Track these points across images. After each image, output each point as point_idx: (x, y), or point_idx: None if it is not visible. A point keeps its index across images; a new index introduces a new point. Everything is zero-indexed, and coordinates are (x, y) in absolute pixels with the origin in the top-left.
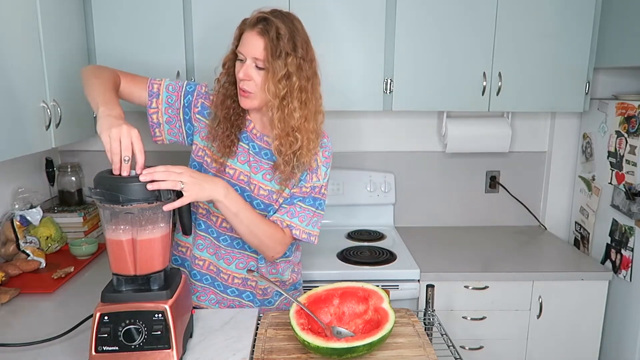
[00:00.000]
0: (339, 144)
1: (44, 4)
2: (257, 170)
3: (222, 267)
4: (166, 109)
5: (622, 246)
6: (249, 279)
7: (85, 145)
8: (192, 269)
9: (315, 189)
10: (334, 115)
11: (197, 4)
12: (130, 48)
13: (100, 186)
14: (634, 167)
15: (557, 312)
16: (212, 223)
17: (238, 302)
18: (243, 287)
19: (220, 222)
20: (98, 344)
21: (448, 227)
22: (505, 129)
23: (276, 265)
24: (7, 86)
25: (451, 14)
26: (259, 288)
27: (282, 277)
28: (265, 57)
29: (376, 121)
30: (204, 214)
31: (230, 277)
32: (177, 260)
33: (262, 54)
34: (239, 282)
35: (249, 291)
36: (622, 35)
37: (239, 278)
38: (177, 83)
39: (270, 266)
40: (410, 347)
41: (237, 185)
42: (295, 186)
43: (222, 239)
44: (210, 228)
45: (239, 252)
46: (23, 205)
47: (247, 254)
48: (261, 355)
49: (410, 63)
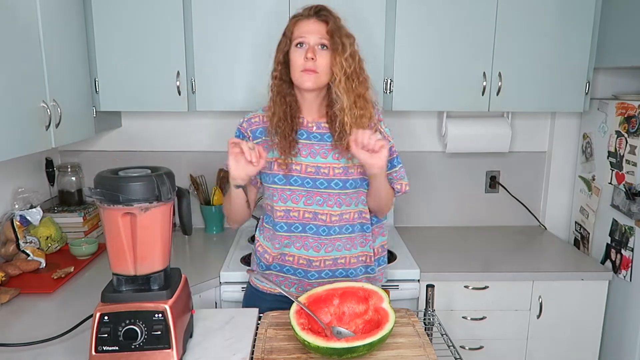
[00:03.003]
0: None
1: (44, 4)
2: (326, 154)
3: (312, 257)
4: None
5: (622, 246)
6: (338, 258)
7: (85, 145)
8: (284, 265)
9: (391, 149)
10: None
11: (197, 3)
12: (130, 48)
13: (100, 186)
14: (634, 167)
15: (557, 312)
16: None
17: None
18: (335, 266)
19: (302, 214)
20: (98, 344)
21: (448, 227)
22: (505, 129)
23: (378, 231)
24: (7, 86)
25: (451, 14)
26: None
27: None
28: (330, 37)
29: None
30: (282, 215)
31: (322, 262)
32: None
33: (325, 35)
34: (330, 263)
35: (341, 269)
36: (622, 35)
37: (330, 260)
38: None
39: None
40: (410, 347)
41: (307, 178)
42: None
43: (308, 228)
44: (294, 224)
45: (325, 238)
46: (23, 205)
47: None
48: (261, 355)
49: (410, 63)
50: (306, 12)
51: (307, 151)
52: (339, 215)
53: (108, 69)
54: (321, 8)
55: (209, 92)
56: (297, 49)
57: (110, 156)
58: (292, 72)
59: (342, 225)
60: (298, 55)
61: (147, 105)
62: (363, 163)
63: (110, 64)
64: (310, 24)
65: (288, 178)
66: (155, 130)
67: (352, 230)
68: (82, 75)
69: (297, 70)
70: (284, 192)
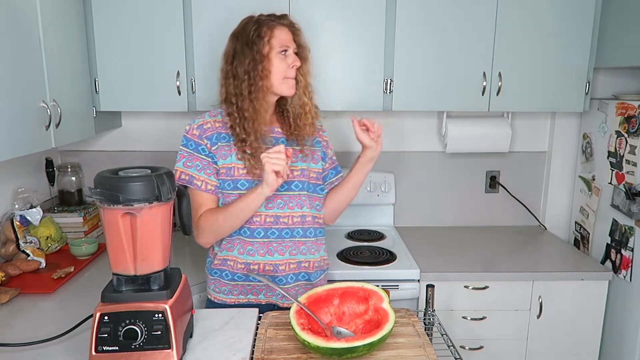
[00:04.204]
0: (339, 144)
1: (44, 4)
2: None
3: (277, 261)
4: (209, 174)
5: (622, 246)
6: (302, 261)
7: (85, 145)
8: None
9: (332, 158)
10: (334, 115)
11: (197, 3)
12: (130, 47)
13: (100, 186)
14: (634, 167)
15: (557, 312)
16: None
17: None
18: (298, 270)
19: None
20: (98, 344)
21: (448, 227)
22: (505, 129)
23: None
24: (7, 86)
25: (451, 14)
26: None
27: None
28: (299, 47)
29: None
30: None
31: (287, 265)
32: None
33: (294, 45)
34: (294, 267)
35: (303, 272)
36: (622, 35)
37: (294, 263)
38: (182, 155)
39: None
40: (410, 347)
41: None
42: (328, 160)
43: (271, 233)
44: (257, 230)
45: (289, 241)
46: (23, 205)
47: (297, 240)
48: (261, 355)
49: (410, 63)
50: (279, 20)
51: None
52: (300, 217)
53: (108, 69)
54: (289, 18)
55: (209, 92)
56: (280, 55)
57: (110, 156)
58: (270, 77)
59: (304, 228)
60: (282, 61)
61: (147, 105)
62: (366, 145)
63: (110, 64)
64: (286, 32)
65: (251, 183)
66: (155, 130)
67: (314, 234)
68: (82, 75)
69: (280, 76)
70: None
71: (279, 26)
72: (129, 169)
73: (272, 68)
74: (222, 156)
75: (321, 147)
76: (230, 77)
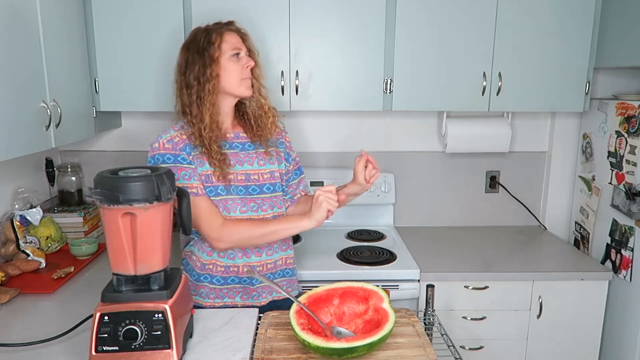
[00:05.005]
0: (339, 144)
1: (44, 4)
2: (251, 162)
3: (255, 262)
4: (197, 180)
5: (622, 246)
6: (277, 260)
7: (85, 145)
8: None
9: (296, 159)
10: (334, 115)
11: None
12: (130, 47)
13: (100, 186)
14: (634, 167)
15: (557, 312)
16: None
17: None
18: (275, 268)
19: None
20: (98, 344)
21: (448, 227)
22: (505, 129)
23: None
24: (7, 86)
25: (451, 14)
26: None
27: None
28: (249, 50)
29: (376, 121)
30: None
31: (264, 266)
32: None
33: (249, 47)
34: (271, 266)
35: (289, 268)
36: (622, 35)
37: (271, 262)
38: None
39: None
40: (410, 347)
41: (239, 186)
42: (292, 161)
43: None
44: None
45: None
46: (23, 205)
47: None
48: (261, 355)
49: (410, 63)
50: (227, 26)
51: (234, 160)
52: (272, 217)
53: (108, 69)
54: (236, 24)
55: None
56: (234, 58)
57: (110, 156)
58: (227, 81)
59: None
60: (236, 64)
61: (147, 105)
62: (358, 181)
63: (110, 64)
64: (235, 37)
65: (228, 188)
66: (155, 130)
67: None
68: (82, 75)
69: (237, 78)
70: (227, 203)
71: (228, 31)
72: (129, 169)
73: (226, 71)
74: (199, 164)
75: (284, 148)
76: (184, 87)
